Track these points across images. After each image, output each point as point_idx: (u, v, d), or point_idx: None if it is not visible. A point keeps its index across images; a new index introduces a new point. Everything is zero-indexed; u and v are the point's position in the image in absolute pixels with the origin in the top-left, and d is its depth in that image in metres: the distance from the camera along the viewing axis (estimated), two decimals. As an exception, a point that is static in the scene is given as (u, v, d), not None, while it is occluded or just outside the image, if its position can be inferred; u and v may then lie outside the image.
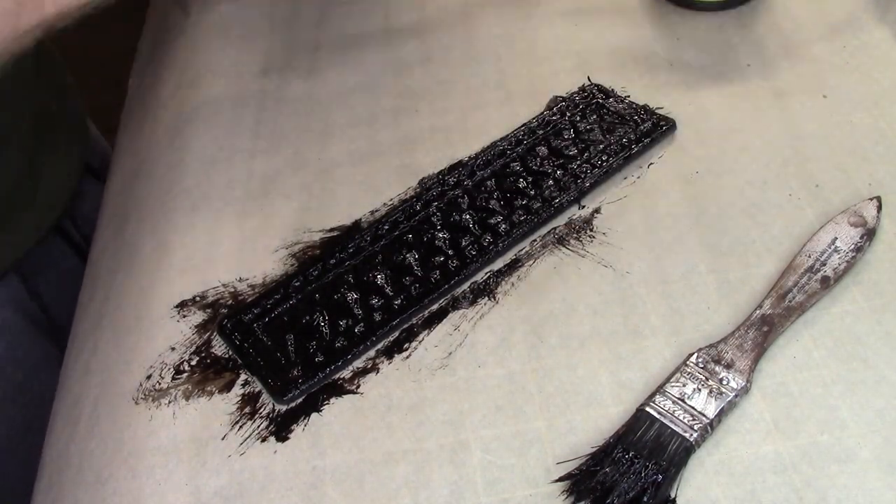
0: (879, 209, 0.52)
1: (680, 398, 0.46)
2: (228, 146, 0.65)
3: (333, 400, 0.49)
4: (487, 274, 0.54)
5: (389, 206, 0.59)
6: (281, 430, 0.49)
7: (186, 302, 0.56)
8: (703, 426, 0.44)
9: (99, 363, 0.54)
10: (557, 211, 0.56)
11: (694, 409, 0.45)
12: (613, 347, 0.49)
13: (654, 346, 0.49)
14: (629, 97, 0.63)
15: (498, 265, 0.54)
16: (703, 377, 0.46)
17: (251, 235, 0.59)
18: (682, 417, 0.45)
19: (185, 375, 0.52)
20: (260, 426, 0.49)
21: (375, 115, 0.66)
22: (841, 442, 0.44)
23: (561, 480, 0.44)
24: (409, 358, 0.51)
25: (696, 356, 0.47)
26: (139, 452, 0.49)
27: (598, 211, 0.56)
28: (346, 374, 0.51)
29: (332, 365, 0.50)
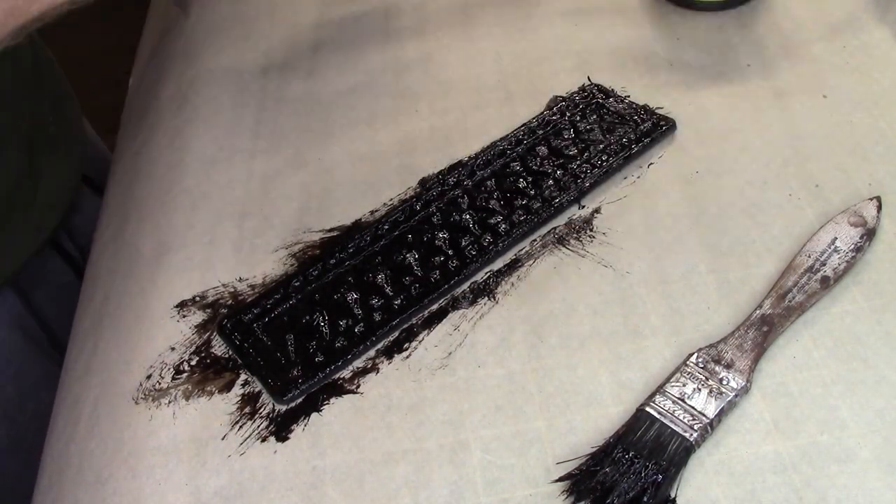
0: (879, 209, 0.52)
1: (680, 398, 0.46)
2: (228, 146, 0.65)
3: (333, 400, 0.49)
4: (487, 274, 0.54)
5: (389, 206, 0.59)
6: (281, 430, 0.49)
7: (186, 302, 0.56)
8: (703, 426, 0.44)
9: (99, 363, 0.54)
10: (557, 211, 0.56)
11: (694, 408, 0.45)
12: (613, 347, 0.49)
13: (654, 346, 0.49)
14: (629, 97, 0.63)
15: (498, 265, 0.54)
16: (703, 377, 0.46)
17: (251, 235, 0.59)
18: (682, 417, 0.45)
19: (185, 375, 0.52)
20: (260, 426, 0.49)
21: (375, 115, 0.66)
22: (841, 442, 0.44)
23: (561, 480, 0.44)
24: (409, 358, 0.51)
25: (696, 356, 0.47)
26: (139, 452, 0.49)
27: (598, 211, 0.56)
28: (346, 374, 0.51)
29: (332, 365, 0.50)
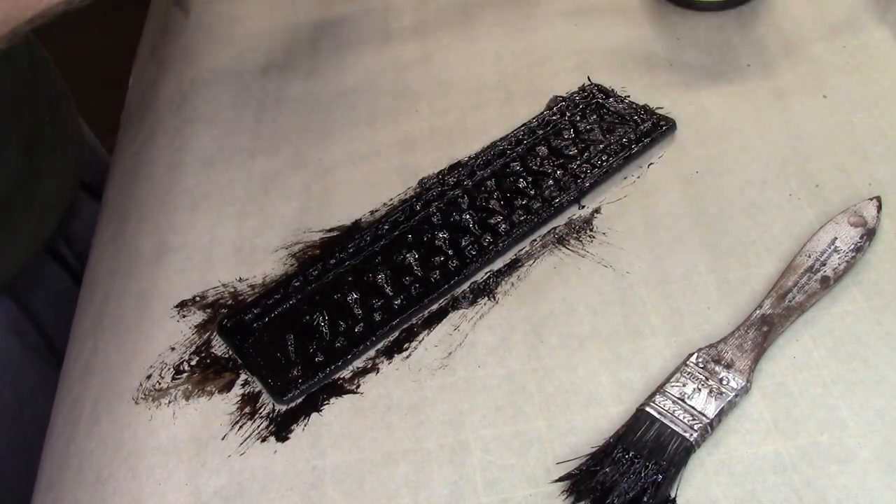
0: (879, 209, 0.52)
1: (680, 398, 0.46)
2: (228, 146, 0.65)
3: (333, 400, 0.49)
4: (487, 274, 0.54)
5: (389, 206, 0.59)
6: (281, 430, 0.49)
7: (186, 302, 0.56)
8: (703, 426, 0.44)
9: (99, 363, 0.54)
10: (557, 211, 0.56)
11: (694, 408, 0.45)
12: (613, 347, 0.49)
13: (654, 346, 0.49)
14: (629, 97, 0.63)
15: (498, 265, 0.54)
16: (703, 377, 0.46)
17: (251, 235, 0.59)
18: (682, 417, 0.45)
19: (185, 375, 0.52)
20: (260, 426, 0.49)
21: (375, 115, 0.66)
22: (841, 442, 0.44)
23: (561, 480, 0.44)
24: (409, 358, 0.51)
25: (696, 356, 0.47)
26: (139, 452, 0.49)
27: (598, 211, 0.56)
28: (346, 374, 0.51)
29: (332, 365, 0.50)
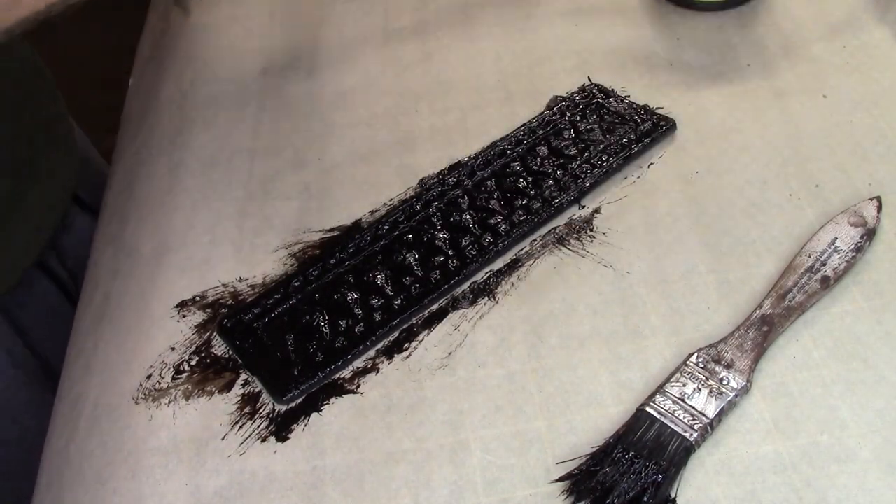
0: (879, 209, 0.52)
1: (680, 398, 0.46)
2: (228, 146, 0.65)
3: (333, 400, 0.49)
4: (487, 274, 0.54)
5: (389, 206, 0.59)
6: (281, 430, 0.49)
7: (186, 302, 0.56)
8: (703, 426, 0.44)
9: (99, 363, 0.55)
10: (557, 211, 0.56)
11: (694, 408, 0.45)
12: (613, 347, 0.49)
13: (654, 346, 0.49)
14: (629, 97, 0.63)
15: (498, 265, 0.54)
16: (703, 377, 0.46)
17: (251, 235, 0.59)
18: (682, 417, 0.45)
19: (185, 375, 0.52)
20: (260, 426, 0.49)
21: (375, 115, 0.66)
22: (841, 442, 0.44)
23: (561, 480, 0.44)
24: (409, 358, 0.51)
25: (696, 356, 0.47)
26: (139, 452, 0.49)
27: (598, 211, 0.56)
28: (346, 374, 0.51)
29: (332, 365, 0.50)
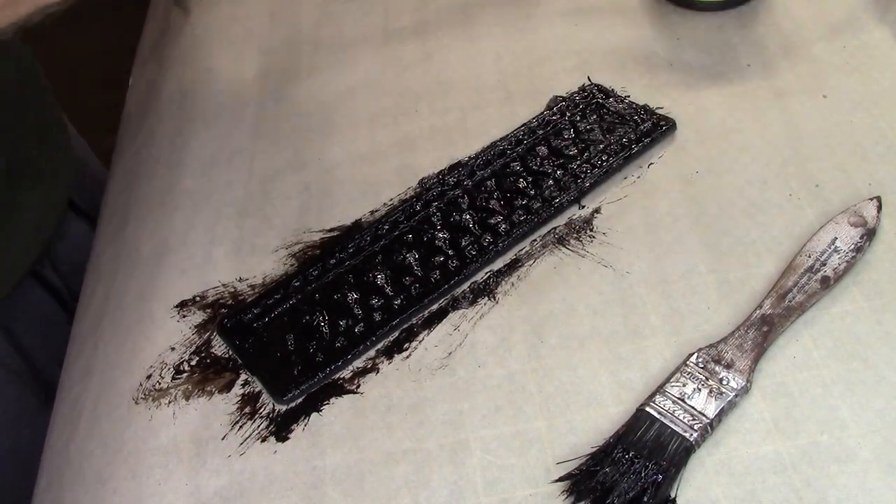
0: (879, 209, 0.52)
1: (680, 398, 0.46)
2: (228, 146, 0.65)
3: (333, 400, 0.49)
4: (487, 274, 0.54)
5: (389, 206, 0.59)
6: (281, 430, 0.49)
7: (186, 302, 0.56)
8: (703, 426, 0.44)
9: (99, 363, 0.55)
10: (557, 211, 0.56)
11: (694, 408, 0.45)
12: (613, 347, 0.49)
13: (654, 346, 0.49)
14: (629, 97, 0.63)
15: (498, 265, 0.54)
16: (703, 377, 0.46)
17: (251, 235, 0.59)
18: (682, 417, 0.45)
19: (185, 375, 0.52)
20: (260, 426, 0.49)
21: (375, 115, 0.66)
22: (841, 442, 0.44)
23: (561, 480, 0.44)
24: (409, 358, 0.51)
25: (696, 356, 0.47)
26: (139, 452, 0.49)
27: (598, 211, 0.56)
28: (346, 374, 0.51)
29: (332, 365, 0.50)
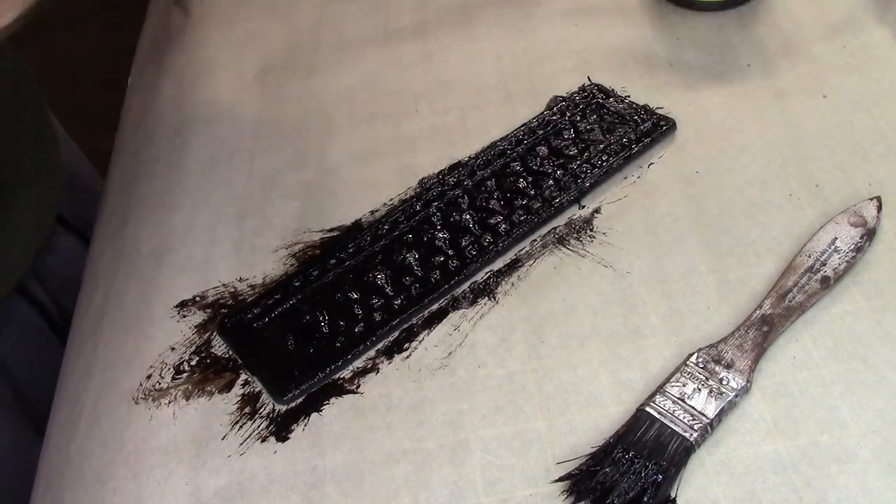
0: (879, 209, 0.52)
1: (680, 398, 0.46)
2: (228, 146, 0.65)
3: (333, 400, 0.49)
4: (487, 274, 0.54)
5: (389, 206, 0.59)
6: (281, 430, 0.49)
7: (186, 302, 0.56)
8: (703, 426, 0.44)
9: (99, 363, 0.54)
10: (557, 211, 0.56)
11: (694, 408, 0.45)
12: (613, 347, 0.49)
13: (654, 346, 0.49)
14: (629, 97, 0.63)
15: (498, 265, 0.54)
16: (703, 377, 0.46)
17: (251, 235, 0.59)
18: (682, 417, 0.45)
19: (185, 375, 0.52)
20: (260, 426, 0.49)
21: (375, 115, 0.66)
22: (841, 442, 0.44)
23: (561, 480, 0.44)
24: (409, 358, 0.51)
25: (696, 356, 0.47)
26: (139, 452, 0.49)
27: (598, 211, 0.56)
28: (346, 374, 0.51)
29: (332, 365, 0.50)
